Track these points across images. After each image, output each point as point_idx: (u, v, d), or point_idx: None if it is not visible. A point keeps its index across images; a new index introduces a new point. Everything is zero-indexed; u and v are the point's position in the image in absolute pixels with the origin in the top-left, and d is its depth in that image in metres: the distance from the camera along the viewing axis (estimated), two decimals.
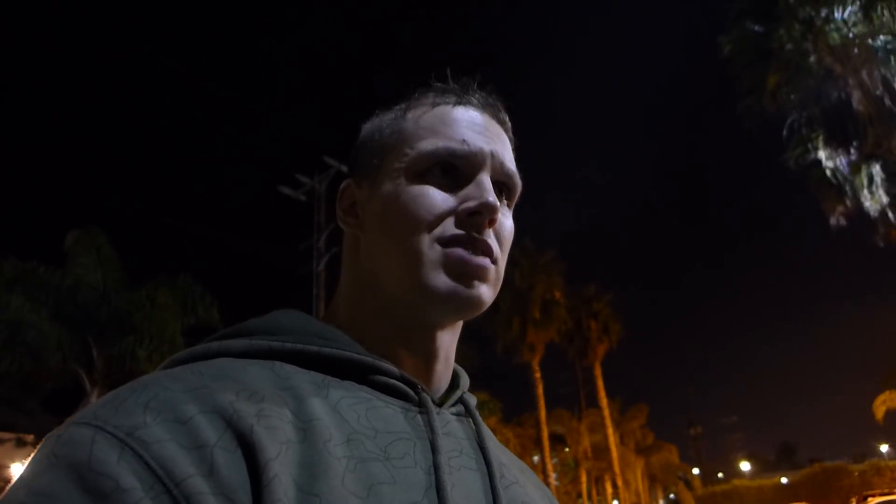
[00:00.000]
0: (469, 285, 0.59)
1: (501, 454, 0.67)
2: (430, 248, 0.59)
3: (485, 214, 0.60)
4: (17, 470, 14.53)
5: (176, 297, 12.04)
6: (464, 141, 0.63)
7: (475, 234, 0.60)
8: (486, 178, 0.63)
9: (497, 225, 0.63)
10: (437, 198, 0.61)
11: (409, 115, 0.67)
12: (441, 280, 0.59)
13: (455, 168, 0.63)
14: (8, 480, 13.90)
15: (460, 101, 0.67)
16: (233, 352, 0.55)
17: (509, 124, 0.70)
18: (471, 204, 0.60)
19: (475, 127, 0.65)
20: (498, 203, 0.61)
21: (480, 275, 0.60)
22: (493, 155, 0.64)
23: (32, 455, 0.42)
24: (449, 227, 0.60)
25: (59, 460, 0.40)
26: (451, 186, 0.63)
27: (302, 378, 0.53)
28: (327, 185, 16.30)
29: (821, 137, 14.63)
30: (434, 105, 0.67)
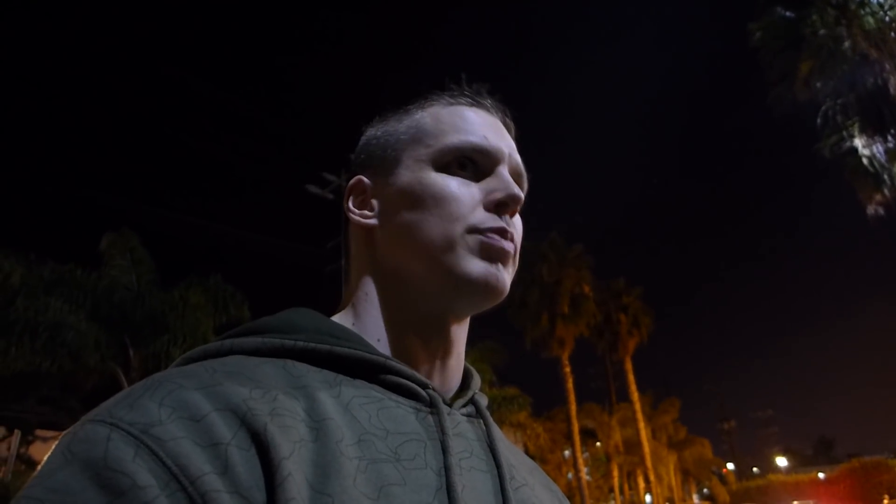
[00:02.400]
0: (497, 269, 0.62)
1: (511, 455, 0.67)
2: (462, 237, 0.62)
3: (510, 205, 0.64)
4: None
5: (208, 297, 12.23)
6: (485, 137, 0.67)
7: (501, 223, 0.63)
8: (505, 171, 0.67)
9: (514, 217, 0.67)
10: (465, 188, 0.64)
11: (427, 112, 0.70)
12: (475, 264, 0.61)
13: (474, 163, 0.66)
14: None
15: (474, 104, 0.71)
16: (245, 349, 0.56)
17: (514, 130, 0.74)
18: (498, 195, 0.64)
19: (491, 126, 0.69)
20: (522, 195, 0.65)
21: (505, 259, 0.63)
22: (510, 153, 0.68)
23: (49, 453, 0.43)
24: (480, 216, 0.63)
25: (74, 457, 0.40)
26: (471, 180, 0.66)
27: (314, 377, 0.54)
28: None
29: (856, 125, 14.22)
30: (450, 104, 0.70)
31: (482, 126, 0.68)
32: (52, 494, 0.38)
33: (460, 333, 0.67)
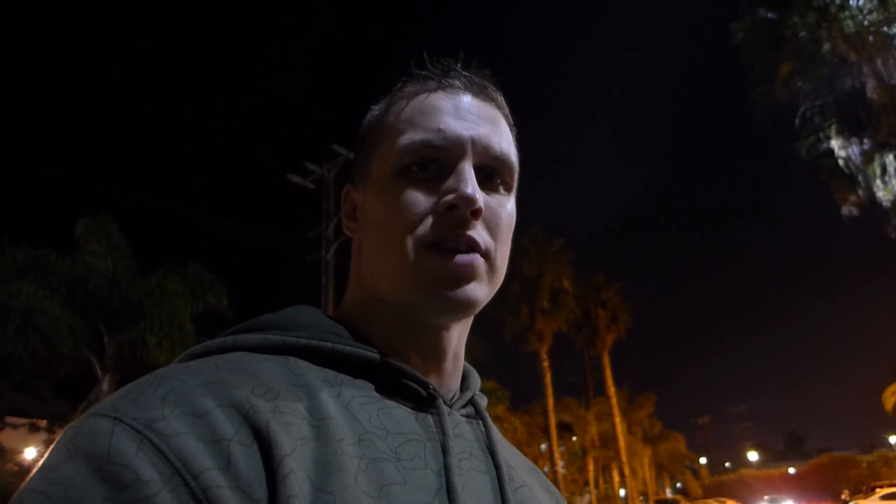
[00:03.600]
0: (455, 287, 0.58)
1: (510, 456, 0.67)
2: (413, 252, 0.58)
3: (462, 207, 0.57)
4: (30, 454, 14.76)
5: (185, 285, 12.11)
6: (439, 130, 0.60)
7: (457, 231, 0.58)
8: (466, 167, 0.59)
9: (489, 213, 0.61)
10: (416, 197, 0.59)
11: (392, 110, 0.65)
12: (426, 285, 0.58)
13: (435, 160, 0.60)
14: (22, 464, 14.12)
15: (440, 86, 0.64)
16: (247, 346, 0.56)
17: (500, 100, 0.67)
18: (448, 198, 0.58)
19: (457, 112, 0.62)
20: (477, 193, 0.58)
21: (467, 274, 0.58)
22: (473, 140, 0.60)
23: (52, 446, 0.43)
24: (428, 227, 0.58)
25: (78, 451, 0.40)
26: (433, 179, 0.60)
27: (316, 375, 0.54)
28: (336, 174, 16.31)
29: (833, 126, 14.48)
30: (414, 95, 0.64)
31: (444, 114, 0.61)
32: (56, 487, 0.38)
33: (455, 337, 0.65)
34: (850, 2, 13.48)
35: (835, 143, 14.50)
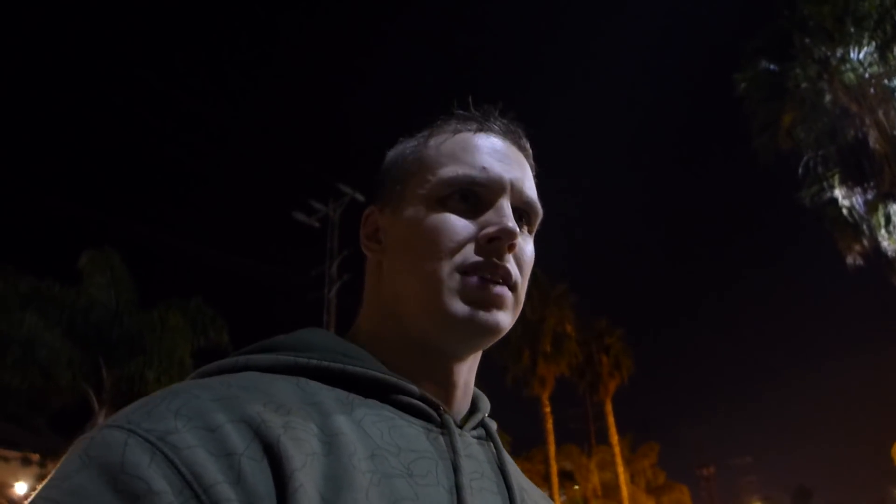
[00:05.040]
0: (487, 311, 0.60)
1: (522, 479, 0.67)
2: (449, 276, 0.61)
3: (504, 240, 0.61)
4: (21, 489, 14.47)
5: (187, 319, 12.09)
6: (484, 168, 0.64)
7: (495, 260, 0.61)
8: (505, 204, 0.64)
9: (517, 250, 0.64)
10: (458, 225, 0.62)
11: (431, 142, 0.68)
12: (459, 307, 0.60)
13: (475, 195, 0.64)
14: (12, 499, 13.83)
15: (481, 128, 0.68)
16: (259, 366, 0.56)
17: (530, 151, 0.72)
18: (491, 230, 0.61)
19: (495, 154, 0.66)
20: (518, 229, 0.62)
21: (498, 302, 0.61)
22: (512, 182, 0.65)
23: (65, 456, 0.44)
24: (469, 255, 0.61)
25: (91, 461, 0.41)
26: (471, 213, 0.64)
27: (327, 394, 0.54)
28: (341, 213, 16.42)
29: (837, 176, 14.57)
30: (455, 132, 0.68)
31: (484, 155, 0.66)
32: (69, 497, 0.39)
33: (466, 370, 0.66)
34: (851, 55, 13.74)
35: (838, 193, 14.57)
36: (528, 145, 0.71)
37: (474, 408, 0.69)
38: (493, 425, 0.68)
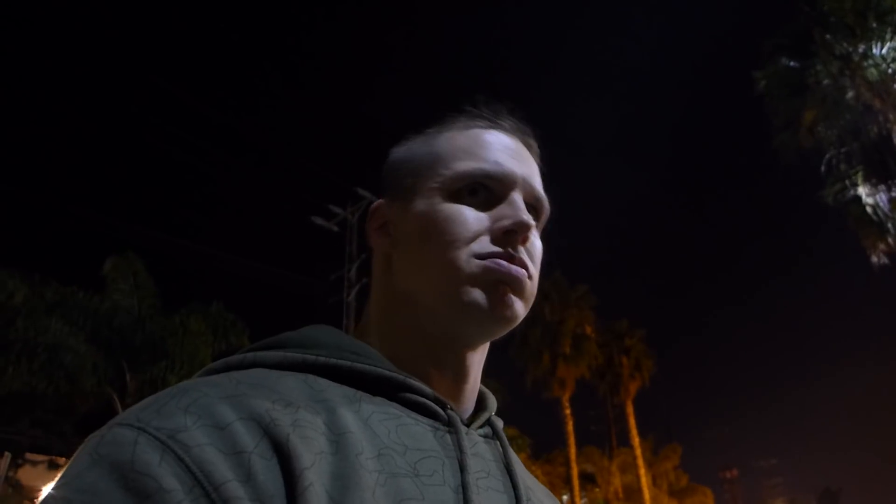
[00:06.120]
0: (505, 295, 0.61)
1: (528, 478, 0.67)
2: (467, 263, 0.61)
3: (519, 232, 0.62)
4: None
5: (208, 324, 12.23)
6: (497, 162, 0.65)
7: (510, 251, 0.62)
8: (518, 198, 0.65)
9: (529, 244, 0.65)
10: (472, 216, 0.63)
11: (443, 137, 0.69)
12: (478, 293, 0.60)
13: (487, 189, 0.65)
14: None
15: (492, 125, 0.70)
16: (267, 363, 0.56)
17: (538, 150, 0.73)
18: (506, 223, 0.62)
19: (507, 150, 0.68)
20: (533, 222, 0.63)
21: (516, 285, 0.62)
22: (523, 178, 0.67)
23: (75, 454, 0.43)
24: (485, 244, 0.62)
25: (102, 459, 0.41)
26: (483, 206, 0.65)
27: (334, 391, 0.54)
28: (360, 217, 16.49)
29: (860, 173, 14.31)
30: (467, 128, 0.69)
31: (496, 150, 0.67)
32: (80, 495, 0.39)
33: (475, 360, 0.67)
34: (874, 50, 13.50)
35: (862, 190, 14.31)
36: (535, 144, 0.72)
37: (481, 405, 0.69)
38: (500, 423, 0.69)
